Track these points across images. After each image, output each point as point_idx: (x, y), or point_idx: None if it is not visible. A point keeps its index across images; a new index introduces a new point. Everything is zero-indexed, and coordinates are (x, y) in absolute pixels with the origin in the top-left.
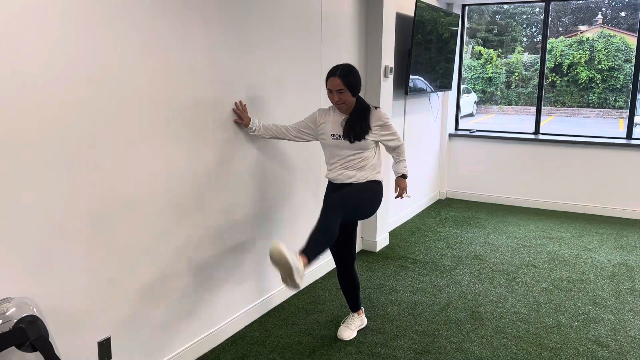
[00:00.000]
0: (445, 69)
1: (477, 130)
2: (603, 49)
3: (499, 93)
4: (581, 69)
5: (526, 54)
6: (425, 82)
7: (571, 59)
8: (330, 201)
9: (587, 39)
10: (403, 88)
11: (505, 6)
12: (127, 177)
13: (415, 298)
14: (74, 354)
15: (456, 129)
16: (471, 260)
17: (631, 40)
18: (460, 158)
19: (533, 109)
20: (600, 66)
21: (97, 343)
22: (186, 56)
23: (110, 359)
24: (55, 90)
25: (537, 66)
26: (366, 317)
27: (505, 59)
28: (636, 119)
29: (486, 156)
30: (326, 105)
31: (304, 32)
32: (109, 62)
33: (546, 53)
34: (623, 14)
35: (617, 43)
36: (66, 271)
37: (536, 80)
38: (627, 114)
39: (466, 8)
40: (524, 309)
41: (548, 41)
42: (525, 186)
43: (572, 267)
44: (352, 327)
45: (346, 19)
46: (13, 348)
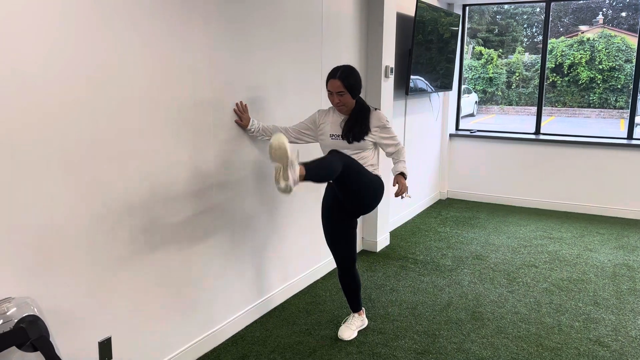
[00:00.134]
0: (445, 69)
1: (478, 131)
2: (604, 49)
3: (500, 93)
4: (582, 69)
5: (527, 54)
6: (426, 82)
7: (572, 59)
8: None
9: (588, 39)
10: (404, 88)
11: (506, 6)
12: (127, 177)
13: (415, 298)
14: (74, 353)
15: (457, 129)
16: (472, 260)
17: (632, 41)
18: (460, 158)
19: (534, 109)
20: (600, 66)
21: (98, 343)
22: (186, 56)
23: (111, 359)
24: (55, 90)
25: (538, 66)
26: (367, 317)
27: (505, 59)
28: (637, 119)
29: (487, 156)
30: (326, 106)
31: (305, 32)
32: (109, 62)
33: (547, 53)
34: (624, 14)
35: (617, 43)
36: (67, 271)
37: (537, 81)
38: (628, 114)
39: (467, 8)
40: (524, 309)
41: (549, 41)
42: (526, 186)
43: (573, 267)
44: (352, 327)
45: (347, 19)
46: (14, 348)
